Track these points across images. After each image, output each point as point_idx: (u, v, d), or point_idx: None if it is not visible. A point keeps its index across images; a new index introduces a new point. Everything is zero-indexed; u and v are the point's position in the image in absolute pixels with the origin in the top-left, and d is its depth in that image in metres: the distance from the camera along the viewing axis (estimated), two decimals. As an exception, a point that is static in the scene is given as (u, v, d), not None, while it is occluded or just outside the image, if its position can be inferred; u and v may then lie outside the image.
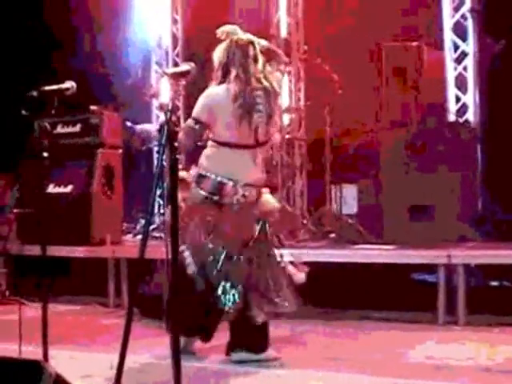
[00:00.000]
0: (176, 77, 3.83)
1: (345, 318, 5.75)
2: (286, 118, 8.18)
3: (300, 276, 4.64)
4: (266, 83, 4.38)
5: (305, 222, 7.22)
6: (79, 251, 6.70)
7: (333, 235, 6.81)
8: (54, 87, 3.88)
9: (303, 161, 8.06)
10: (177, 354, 2.92)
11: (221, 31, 4.52)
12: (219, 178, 4.31)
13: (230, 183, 4.31)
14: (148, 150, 8.50)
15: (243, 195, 4.28)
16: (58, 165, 6.38)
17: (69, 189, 6.92)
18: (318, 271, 6.05)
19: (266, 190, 4.55)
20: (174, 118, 3.19)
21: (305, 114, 8.19)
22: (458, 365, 4.27)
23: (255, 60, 4.35)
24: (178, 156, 3.12)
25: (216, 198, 4.30)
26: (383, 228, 6.44)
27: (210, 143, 4.46)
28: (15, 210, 7.16)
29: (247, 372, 4.22)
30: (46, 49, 8.72)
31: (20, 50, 8.59)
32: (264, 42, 4.52)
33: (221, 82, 4.41)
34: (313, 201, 7.89)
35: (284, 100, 8.20)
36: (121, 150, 7.15)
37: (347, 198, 7.52)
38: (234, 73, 4.35)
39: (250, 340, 4.35)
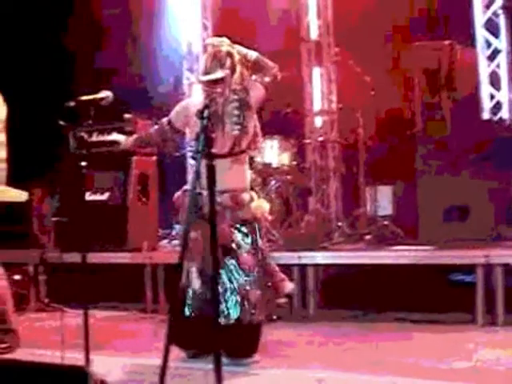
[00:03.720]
0: (211, 83, 3.88)
1: (380, 321, 5.75)
2: (319, 121, 8.20)
3: (289, 285, 4.68)
4: (241, 94, 4.47)
5: (340, 224, 7.22)
6: (117, 258, 6.77)
7: (368, 237, 6.80)
8: (91, 97, 3.94)
9: (337, 163, 8.05)
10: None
11: (207, 42, 4.69)
12: (197, 190, 4.15)
13: (205, 192, 4.08)
14: (182, 155, 8.55)
15: (219, 202, 4.16)
16: (93, 173, 6.49)
17: (105, 197, 7.02)
18: (354, 273, 6.07)
19: (252, 195, 4.57)
20: (209, 125, 3.23)
21: (337, 116, 8.17)
22: (498, 368, 4.21)
23: (232, 71, 4.44)
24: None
25: (197, 210, 4.21)
26: (419, 229, 6.41)
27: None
28: (53, 219, 7.26)
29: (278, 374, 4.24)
30: (78, 58, 8.85)
31: (53, 59, 8.71)
32: (253, 54, 4.59)
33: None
34: (347, 203, 7.88)
35: (316, 103, 8.23)
36: (155, 157, 7.20)
37: (382, 200, 7.49)
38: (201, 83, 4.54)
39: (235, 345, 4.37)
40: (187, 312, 4.48)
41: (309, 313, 6.06)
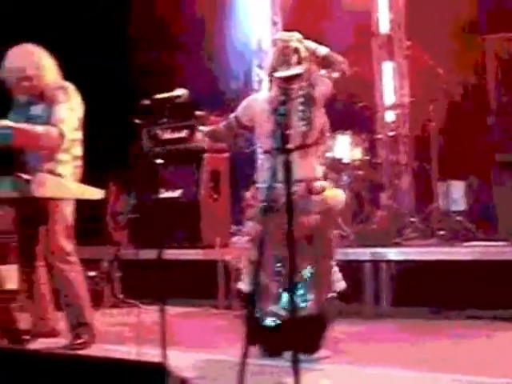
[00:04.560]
0: (287, 80, 3.90)
1: (454, 318, 5.66)
2: (391, 115, 8.11)
3: (342, 284, 4.63)
4: (307, 90, 4.47)
5: (412, 219, 7.14)
6: (190, 254, 6.84)
7: (441, 233, 6.70)
8: (166, 95, 3.98)
9: (409, 158, 7.95)
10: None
11: (277, 37, 4.69)
12: (269, 184, 4.18)
13: (279, 185, 4.18)
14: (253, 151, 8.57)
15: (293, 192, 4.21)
16: (166, 170, 6.57)
17: (177, 193, 7.10)
18: (427, 270, 5.99)
19: (325, 184, 4.57)
20: (286, 122, 3.25)
21: (409, 110, 8.07)
22: None
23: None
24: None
25: (273, 204, 4.21)
26: (494, 224, 6.29)
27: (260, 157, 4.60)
28: (128, 216, 7.38)
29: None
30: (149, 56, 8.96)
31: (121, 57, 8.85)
32: (322, 50, 4.59)
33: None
34: (420, 198, 7.77)
35: (388, 97, 8.15)
36: (227, 154, 7.25)
37: (455, 195, 7.38)
38: (274, 79, 4.56)
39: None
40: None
41: (381, 310, 6.01)
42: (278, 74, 4.40)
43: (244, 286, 4.61)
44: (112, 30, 8.86)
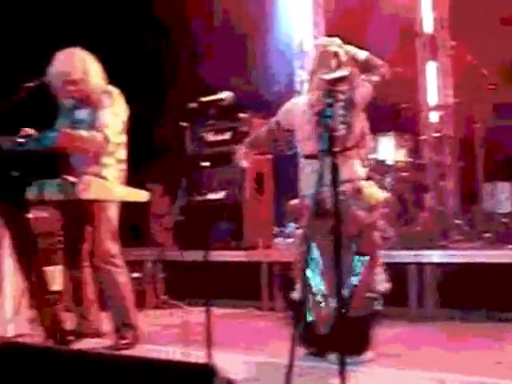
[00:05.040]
0: (333, 82, 3.89)
1: (501, 321, 5.59)
2: (435, 116, 8.04)
3: (386, 285, 4.59)
4: (347, 94, 4.46)
5: (457, 221, 7.06)
6: (233, 256, 6.86)
7: (487, 235, 6.61)
8: (212, 98, 3.99)
9: (453, 159, 7.87)
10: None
11: (317, 43, 4.72)
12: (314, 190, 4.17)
13: (325, 188, 4.16)
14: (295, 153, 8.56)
15: (342, 192, 4.20)
16: (211, 172, 6.60)
17: (221, 195, 7.13)
18: (472, 272, 5.92)
19: (366, 184, 4.55)
20: (332, 124, 3.25)
21: (454, 110, 7.99)
22: None
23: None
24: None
25: (320, 209, 4.20)
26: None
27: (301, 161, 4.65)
28: (172, 218, 7.42)
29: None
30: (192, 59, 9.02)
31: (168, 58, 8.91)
32: (362, 54, 4.60)
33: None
34: (465, 200, 7.69)
35: (432, 97, 8.08)
36: (270, 156, 7.26)
37: (501, 197, 7.28)
38: (314, 83, 4.58)
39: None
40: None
41: (426, 312, 5.96)
42: (324, 77, 4.39)
43: (296, 294, 4.61)
44: (156, 34, 8.95)
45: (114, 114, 4.99)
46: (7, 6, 8.02)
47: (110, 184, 4.93)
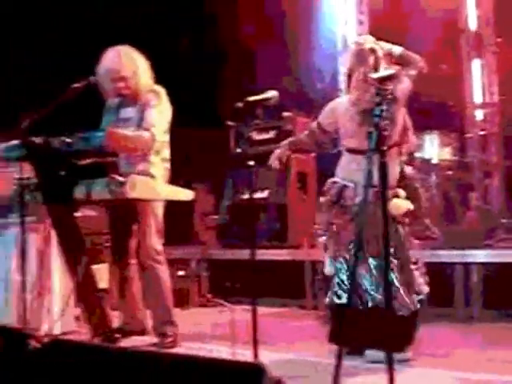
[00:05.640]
0: (382, 81, 3.87)
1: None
2: (480, 114, 7.96)
3: (424, 289, 4.55)
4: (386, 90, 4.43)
5: (503, 220, 6.97)
6: (277, 255, 6.87)
7: (534, 234, 6.53)
8: (259, 97, 4.00)
9: (499, 157, 7.79)
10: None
11: (352, 42, 4.72)
12: (343, 182, 4.55)
13: (352, 185, 4.48)
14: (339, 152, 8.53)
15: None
16: (256, 171, 6.60)
17: (265, 194, 7.14)
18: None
19: (393, 193, 4.48)
20: (382, 123, 3.25)
21: (499, 108, 7.90)
22: None
23: (375, 68, 4.47)
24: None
25: (341, 201, 4.55)
26: None
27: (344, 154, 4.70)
28: (216, 217, 7.47)
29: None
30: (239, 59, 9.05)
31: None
32: (398, 49, 4.59)
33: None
34: (511, 198, 7.60)
35: (477, 95, 7.99)
36: (314, 154, 7.25)
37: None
38: (353, 81, 4.60)
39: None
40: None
41: (473, 313, 5.89)
42: (373, 76, 4.37)
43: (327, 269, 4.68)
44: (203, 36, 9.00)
45: (160, 112, 5.03)
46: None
47: (156, 182, 4.96)
